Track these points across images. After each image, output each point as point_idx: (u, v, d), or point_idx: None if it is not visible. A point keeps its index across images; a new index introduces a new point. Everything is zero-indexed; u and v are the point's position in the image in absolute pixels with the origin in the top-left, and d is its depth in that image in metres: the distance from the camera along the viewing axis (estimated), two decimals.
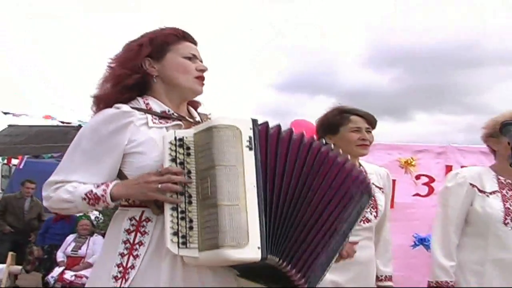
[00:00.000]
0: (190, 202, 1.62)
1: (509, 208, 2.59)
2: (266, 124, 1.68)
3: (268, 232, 1.58)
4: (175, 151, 1.64)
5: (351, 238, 1.88)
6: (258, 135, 1.64)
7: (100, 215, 8.97)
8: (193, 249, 1.59)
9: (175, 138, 1.65)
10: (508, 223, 2.57)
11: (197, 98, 1.95)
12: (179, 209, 1.61)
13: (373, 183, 2.70)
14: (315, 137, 1.83)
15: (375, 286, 2.78)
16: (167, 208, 1.62)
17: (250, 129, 1.63)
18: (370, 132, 2.72)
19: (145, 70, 1.82)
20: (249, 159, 1.60)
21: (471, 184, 2.66)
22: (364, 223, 2.59)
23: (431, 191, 4.84)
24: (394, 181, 5.66)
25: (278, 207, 1.64)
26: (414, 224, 5.05)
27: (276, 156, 1.67)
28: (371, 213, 2.65)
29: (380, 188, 2.77)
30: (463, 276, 2.63)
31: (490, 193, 2.64)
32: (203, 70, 1.87)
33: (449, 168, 4.72)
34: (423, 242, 4.49)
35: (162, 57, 1.84)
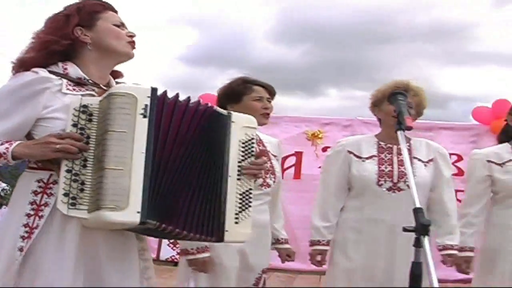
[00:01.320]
0: (85, 166, 1.68)
1: (383, 171, 2.79)
2: (164, 93, 1.74)
3: (151, 197, 1.64)
4: (78, 117, 1.70)
5: (254, 202, 1.94)
6: (155, 104, 1.69)
7: (8, 186, 8.71)
8: (82, 210, 1.64)
9: (80, 104, 1.71)
10: (382, 184, 2.77)
11: (118, 68, 2.00)
12: (73, 171, 1.67)
13: (269, 151, 2.88)
14: (209, 103, 1.89)
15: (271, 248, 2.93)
16: (62, 170, 1.67)
17: (148, 97, 1.67)
18: (270, 102, 2.89)
19: (76, 38, 1.85)
20: (142, 126, 1.65)
21: (348, 151, 2.87)
22: (265, 188, 2.74)
23: None
24: (301, 153, 5.89)
25: (165, 173, 1.70)
26: None
27: (170, 124, 1.73)
28: (270, 179, 2.80)
29: (275, 156, 2.94)
30: (343, 232, 2.83)
31: (367, 158, 2.84)
32: (133, 36, 1.94)
33: None
34: None
35: (93, 25, 1.88)
